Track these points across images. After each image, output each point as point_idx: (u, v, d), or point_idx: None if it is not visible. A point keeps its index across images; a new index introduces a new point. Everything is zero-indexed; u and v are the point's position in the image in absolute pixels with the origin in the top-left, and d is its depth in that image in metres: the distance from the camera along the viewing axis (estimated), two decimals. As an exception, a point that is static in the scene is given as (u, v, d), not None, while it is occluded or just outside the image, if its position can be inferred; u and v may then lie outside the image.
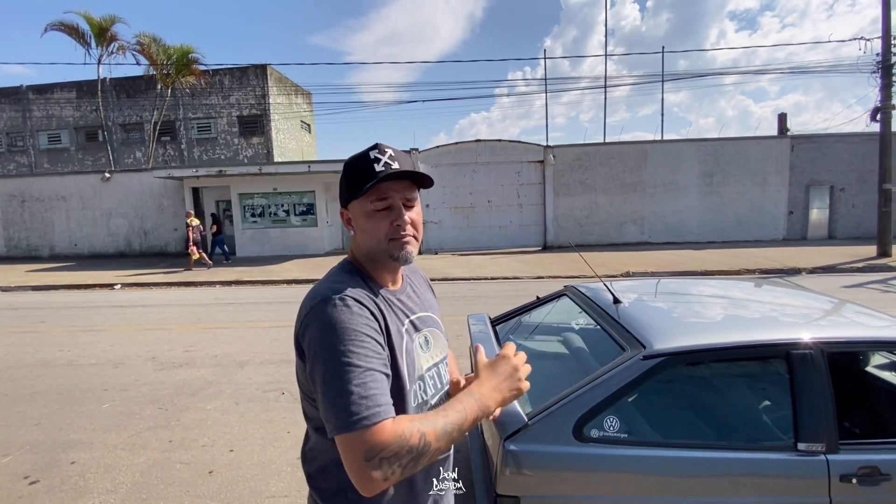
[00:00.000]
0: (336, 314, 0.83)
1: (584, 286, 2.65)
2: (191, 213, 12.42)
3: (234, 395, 4.09)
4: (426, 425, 0.80)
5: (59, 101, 21.06)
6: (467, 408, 0.85)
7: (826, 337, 1.72)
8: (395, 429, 0.77)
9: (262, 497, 2.66)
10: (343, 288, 0.87)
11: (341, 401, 0.77)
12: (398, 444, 0.76)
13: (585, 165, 14.87)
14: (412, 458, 0.77)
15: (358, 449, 0.76)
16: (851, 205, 14.79)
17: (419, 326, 1.01)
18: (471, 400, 0.87)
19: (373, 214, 0.93)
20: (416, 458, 0.78)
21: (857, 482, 1.56)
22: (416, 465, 0.79)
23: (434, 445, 0.80)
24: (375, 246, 0.94)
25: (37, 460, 3.10)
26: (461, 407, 0.85)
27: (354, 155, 0.94)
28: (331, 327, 0.82)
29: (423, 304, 1.07)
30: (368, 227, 0.93)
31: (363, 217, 0.93)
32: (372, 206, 0.92)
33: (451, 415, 0.83)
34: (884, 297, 7.39)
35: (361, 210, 0.94)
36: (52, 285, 10.46)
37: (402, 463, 0.77)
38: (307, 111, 24.50)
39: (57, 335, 6.30)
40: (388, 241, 0.93)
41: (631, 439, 1.67)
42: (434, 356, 1.03)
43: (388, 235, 0.93)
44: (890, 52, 11.05)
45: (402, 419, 0.80)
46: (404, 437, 0.77)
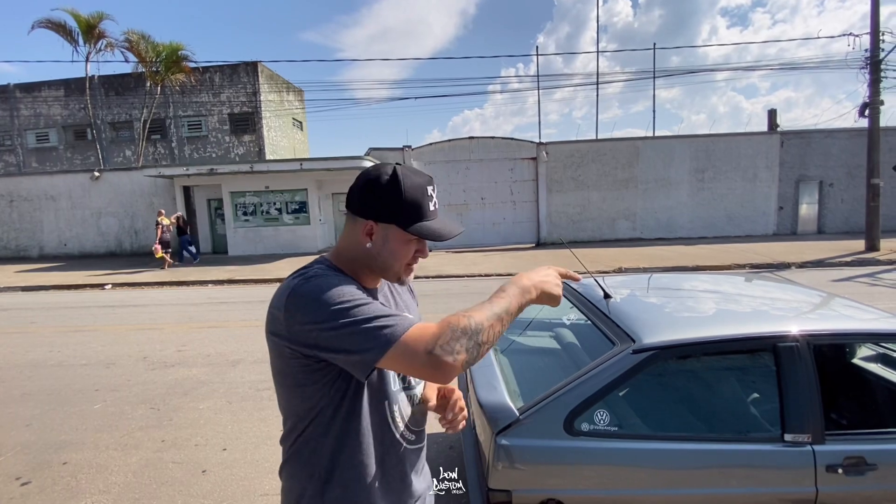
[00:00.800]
0: (319, 282, 0.84)
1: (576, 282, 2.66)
2: (162, 212, 12.37)
3: (227, 395, 4.08)
4: (471, 310, 0.83)
5: (47, 99, 20.76)
6: (510, 293, 0.89)
7: (812, 329, 1.74)
8: (441, 323, 0.81)
9: (256, 495, 2.65)
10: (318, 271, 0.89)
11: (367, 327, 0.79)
12: (449, 329, 0.79)
13: (578, 162, 14.92)
14: (470, 337, 0.79)
15: (413, 350, 0.78)
16: (840, 200, 14.97)
17: None
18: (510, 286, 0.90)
19: (409, 244, 0.94)
20: (475, 336, 0.80)
21: (843, 472, 1.59)
22: (476, 343, 0.80)
23: (486, 324, 0.82)
24: (394, 269, 0.95)
25: (28, 461, 3.07)
26: (503, 294, 0.89)
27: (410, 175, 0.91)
28: (320, 291, 0.83)
29: (399, 304, 1.07)
30: (399, 252, 0.94)
31: (397, 242, 0.93)
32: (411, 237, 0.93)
33: (494, 300, 0.87)
34: (871, 290, 7.50)
35: (399, 237, 0.93)
36: (42, 286, 10.34)
37: (462, 342, 0.79)
38: (299, 108, 24.34)
39: (47, 336, 6.23)
40: (405, 267, 0.97)
41: (621, 432, 1.68)
42: None
43: (408, 262, 0.96)
44: (879, 48, 11.17)
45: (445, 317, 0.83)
46: (451, 323, 0.80)
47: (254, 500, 2.62)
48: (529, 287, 0.92)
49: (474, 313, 0.82)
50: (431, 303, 7.37)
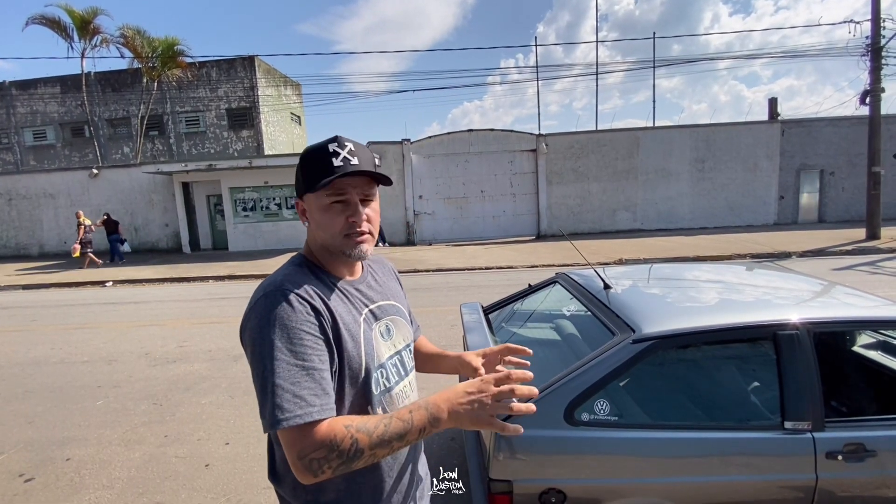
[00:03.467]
0: (276, 310, 0.83)
1: (576, 273, 2.66)
2: (80, 213, 12.37)
3: (229, 389, 4.09)
4: (362, 431, 0.79)
5: (44, 96, 20.65)
6: (415, 417, 0.82)
7: (812, 317, 1.74)
8: (327, 431, 0.78)
9: (259, 488, 2.67)
10: (287, 283, 0.87)
11: (274, 398, 0.78)
12: (328, 447, 0.77)
13: (578, 154, 14.85)
14: (342, 462, 0.78)
15: (290, 446, 0.78)
16: (841, 188, 14.92)
17: (379, 315, 1.00)
18: (422, 410, 0.83)
19: (328, 209, 0.91)
20: (348, 462, 0.78)
21: (843, 459, 1.59)
22: (348, 467, 0.79)
23: (367, 452, 0.79)
24: (330, 241, 0.93)
25: (31, 458, 3.09)
26: (407, 416, 0.82)
27: (312, 146, 0.92)
28: (269, 323, 0.82)
29: (384, 292, 1.05)
30: (323, 221, 0.91)
31: (318, 211, 0.92)
32: (328, 201, 0.90)
33: (393, 423, 0.81)
34: (872, 278, 7.49)
35: (317, 203, 0.91)
36: (43, 283, 10.35)
37: (331, 465, 0.78)
38: (297, 103, 24.21)
39: (48, 333, 6.25)
40: (343, 238, 0.92)
41: (621, 422, 1.68)
42: (396, 344, 1.02)
43: (342, 231, 0.91)
44: (880, 35, 11.07)
45: (337, 422, 0.80)
46: (335, 441, 0.77)
47: (257, 493, 2.64)
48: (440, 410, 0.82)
49: (363, 437, 0.78)
50: (433, 296, 7.38)
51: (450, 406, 0.83)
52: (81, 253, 11.85)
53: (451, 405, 0.83)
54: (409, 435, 0.81)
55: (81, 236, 11.85)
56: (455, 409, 0.83)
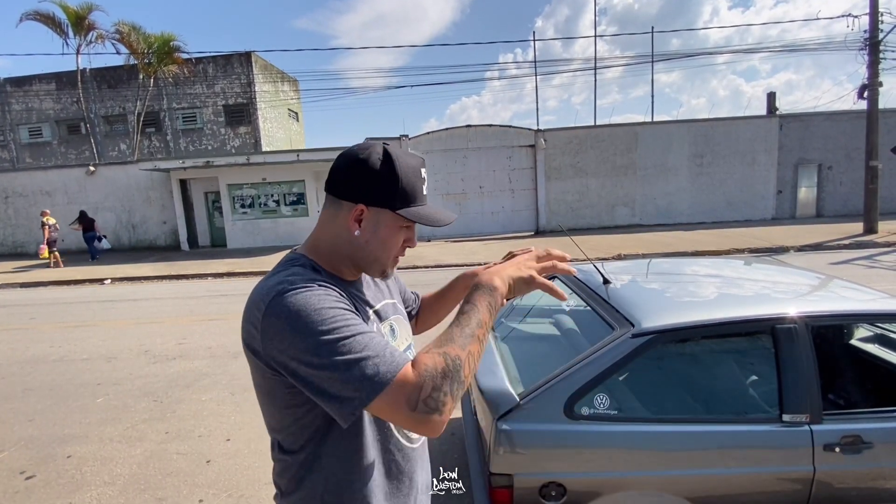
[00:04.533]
0: (300, 300, 0.75)
1: (575, 268, 2.67)
2: (46, 212, 12.32)
3: (230, 386, 4.10)
4: (444, 344, 0.75)
5: (39, 93, 20.50)
6: (476, 301, 0.81)
7: (810, 311, 1.75)
8: (419, 368, 0.72)
9: (261, 484, 2.68)
10: (296, 280, 0.79)
11: (351, 376, 0.71)
12: (430, 378, 0.71)
13: (576, 149, 14.84)
14: (452, 380, 0.72)
15: (398, 405, 0.71)
16: (839, 183, 14.94)
17: (383, 316, 0.98)
18: (475, 293, 0.83)
19: (398, 231, 0.89)
20: (456, 376, 0.73)
21: (840, 451, 1.60)
22: (460, 382, 0.74)
23: (464, 355, 0.75)
24: (381, 260, 0.90)
25: (32, 455, 3.10)
26: (468, 307, 0.81)
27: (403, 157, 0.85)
28: (299, 315, 0.74)
29: (383, 293, 1.04)
30: (388, 240, 0.89)
31: (386, 228, 0.87)
32: (402, 224, 0.89)
33: (462, 319, 0.79)
34: (869, 272, 7.52)
35: (387, 221, 0.87)
36: (41, 282, 10.33)
37: (444, 390, 0.72)
38: (294, 99, 24.10)
39: (47, 331, 6.24)
40: (392, 258, 0.92)
41: (621, 416, 1.70)
42: (401, 343, 1.01)
43: (397, 252, 0.92)
44: (878, 29, 11.06)
45: (419, 356, 0.75)
46: (430, 369, 0.72)
47: (258, 488, 2.65)
48: (496, 284, 0.83)
49: (450, 347, 0.74)
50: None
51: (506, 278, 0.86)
52: (50, 252, 11.86)
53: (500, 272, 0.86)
54: (483, 317, 0.80)
55: (48, 236, 11.82)
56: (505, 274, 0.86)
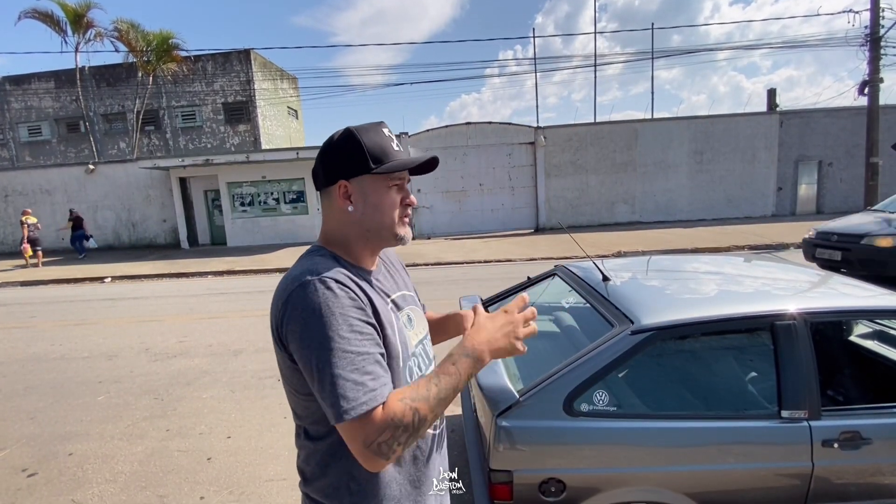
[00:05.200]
0: (317, 298, 0.80)
1: (575, 265, 2.67)
2: (28, 211, 12.35)
3: (230, 384, 4.11)
4: (418, 399, 0.79)
5: (38, 91, 20.47)
6: (460, 367, 0.84)
7: (810, 308, 1.75)
8: (387, 413, 0.77)
9: (261, 481, 2.69)
10: (320, 270, 0.84)
11: (334, 391, 0.77)
12: (392, 427, 0.77)
13: (576, 146, 14.81)
14: (409, 435, 0.78)
15: (356, 437, 0.77)
16: (839, 179, 14.92)
17: (401, 305, 1.00)
18: (463, 357, 0.85)
19: (388, 191, 0.91)
20: (414, 433, 0.79)
21: (839, 447, 1.61)
22: (414, 438, 0.80)
23: (430, 416, 0.80)
24: (386, 224, 0.92)
25: (34, 453, 3.11)
26: (453, 369, 0.84)
27: (362, 126, 0.91)
28: (314, 313, 0.79)
29: (398, 283, 1.05)
30: (383, 203, 0.91)
31: (375, 193, 0.91)
32: (389, 183, 0.91)
33: (443, 380, 0.82)
34: (869, 269, 7.51)
35: (374, 186, 0.91)
36: (41, 280, 10.33)
37: (399, 441, 0.78)
38: (293, 96, 24.05)
39: (48, 330, 6.25)
40: (399, 220, 0.93)
41: (620, 412, 1.70)
42: (418, 333, 1.03)
43: (400, 213, 0.93)
44: (879, 25, 11.02)
45: (392, 399, 0.79)
46: (397, 419, 0.77)
47: (259, 485, 2.66)
48: (482, 353, 0.86)
49: (421, 405, 0.79)
50: (432, 290, 7.39)
51: (490, 346, 0.87)
52: (33, 251, 11.89)
53: (491, 344, 0.88)
54: (459, 384, 0.83)
55: (27, 235, 11.85)
56: (495, 347, 0.88)
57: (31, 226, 11.98)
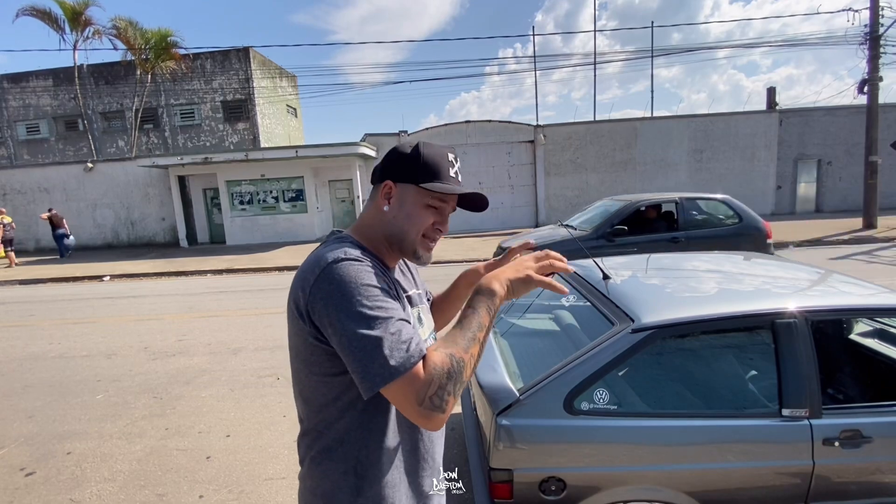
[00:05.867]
0: (351, 271, 0.83)
1: (574, 263, 2.66)
2: (2, 210, 12.37)
3: (229, 382, 4.10)
4: (451, 346, 0.82)
5: (36, 89, 20.40)
6: (476, 304, 0.87)
7: (810, 305, 1.74)
8: (428, 367, 0.79)
9: (261, 479, 2.69)
10: (350, 253, 0.87)
11: (380, 353, 0.78)
12: (437, 378, 0.78)
13: (576, 144, 14.80)
14: (455, 381, 0.80)
15: (407, 396, 0.78)
16: (838, 178, 14.93)
17: (415, 302, 1.03)
18: (475, 296, 0.88)
19: (426, 208, 0.94)
20: (459, 377, 0.80)
21: (840, 445, 1.61)
22: (461, 383, 0.81)
23: (466, 357, 0.82)
24: (409, 236, 0.95)
25: (32, 452, 3.10)
26: (469, 311, 0.87)
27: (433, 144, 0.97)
28: (347, 285, 0.82)
29: (413, 282, 1.09)
30: (415, 216, 0.94)
31: (414, 205, 0.94)
32: (430, 201, 0.94)
33: (464, 322, 0.85)
34: (869, 267, 7.52)
35: (416, 197, 0.94)
36: (40, 279, 10.31)
37: (448, 390, 0.79)
38: (292, 95, 24.00)
39: (46, 328, 6.24)
40: (421, 238, 0.96)
41: (620, 411, 1.70)
42: (426, 331, 1.05)
43: (426, 232, 0.96)
44: (878, 24, 11.01)
45: (429, 353, 0.81)
46: (439, 369, 0.79)
47: (258, 484, 2.65)
48: (491, 284, 0.89)
49: (455, 349, 0.81)
50: (432, 288, 7.37)
51: (500, 281, 0.90)
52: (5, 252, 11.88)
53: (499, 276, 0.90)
54: (483, 320, 0.86)
55: (2, 235, 11.84)
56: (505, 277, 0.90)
57: (7, 225, 11.95)
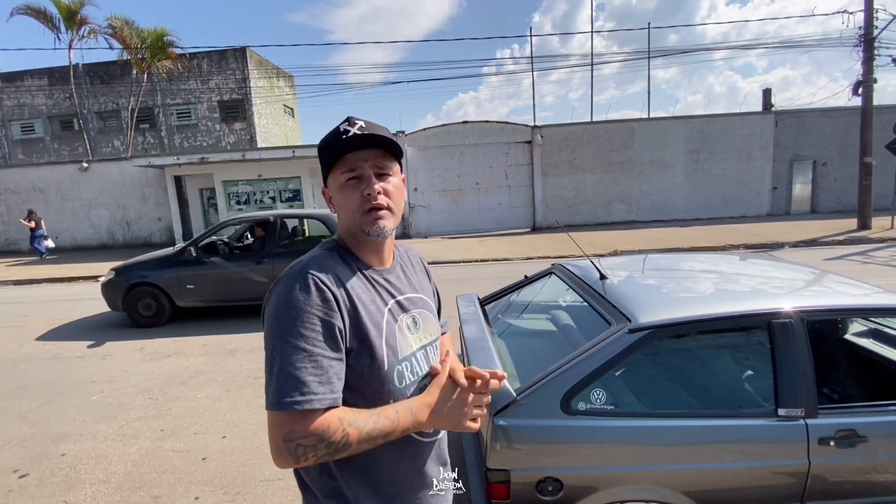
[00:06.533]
0: (293, 293, 0.83)
1: (572, 264, 2.66)
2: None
3: (226, 383, 4.08)
4: (353, 425, 0.81)
5: (31, 88, 20.28)
6: (400, 417, 0.85)
7: (805, 306, 1.75)
8: (323, 422, 0.79)
9: (257, 481, 2.67)
10: (310, 267, 0.86)
11: (277, 379, 0.79)
12: (318, 437, 0.78)
13: (573, 145, 14.82)
14: (328, 453, 0.79)
15: (280, 428, 0.78)
16: (833, 179, 15.01)
17: (407, 307, 0.98)
18: (406, 412, 0.87)
19: (345, 186, 0.90)
20: (333, 453, 0.80)
21: (835, 445, 1.61)
22: (331, 457, 0.81)
23: (354, 446, 0.81)
24: (351, 220, 0.92)
25: (26, 454, 3.07)
26: (395, 416, 0.85)
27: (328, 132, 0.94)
28: (284, 305, 0.83)
29: (413, 285, 1.04)
30: (342, 200, 0.91)
31: (337, 191, 0.92)
32: (343, 178, 0.90)
33: (381, 420, 0.84)
34: (863, 268, 7.57)
35: (335, 184, 0.92)
36: (34, 279, 10.24)
37: (317, 453, 0.79)
38: (290, 94, 23.95)
39: (41, 329, 6.20)
40: (362, 215, 0.89)
41: (617, 411, 1.70)
42: (422, 338, 1.00)
43: (360, 207, 0.89)
44: (873, 26, 11.08)
45: (334, 413, 0.80)
46: (328, 432, 0.78)
47: (254, 485, 2.64)
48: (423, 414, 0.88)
49: (354, 431, 0.80)
50: (428, 289, 7.37)
51: (431, 410, 0.89)
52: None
53: (435, 412, 0.89)
54: (394, 434, 0.85)
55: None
56: (438, 416, 0.89)
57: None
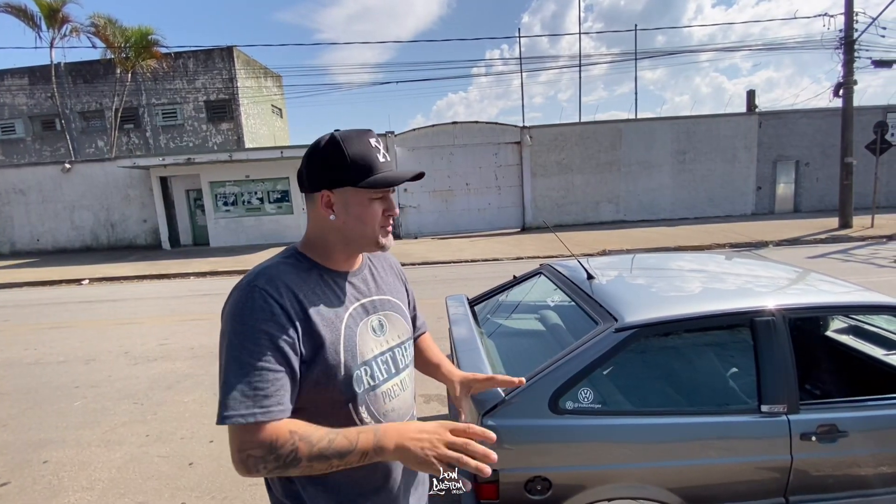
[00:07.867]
0: (241, 306, 0.84)
1: (560, 264, 2.68)
2: None
3: (213, 387, 4.03)
4: (304, 440, 0.79)
5: (11, 88, 19.83)
6: (360, 440, 0.81)
7: (788, 304, 1.78)
8: (269, 433, 0.79)
9: (245, 485, 2.65)
10: (259, 278, 0.87)
11: (225, 392, 0.80)
12: (266, 449, 0.78)
13: (562, 146, 14.93)
14: (278, 466, 0.79)
15: (232, 440, 0.81)
16: (815, 179, 15.32)
17: (371, 310, 0.99)
18: (369, 434, 0.82)
19: (372, 202, 0.93)
20: (283, 467, 0.79)
21: (817, 439, 1.64)
22: (284, 471, 0.80)
23: (304, 462, 0.79)
24: (367, 233, 0.94)
25: (6, 461, 3.00)
26: (354, 438, 0.81)
27: (348, 134, 0.90)
28: (233, 318, 0.85)
29: (380, 287, 1.04)
30: (365, 213, 0.93)
31: (361, 205, 0.92)
32: (372, 196, 0.93)
33: (338, 440, 0.80)
34: (844, 265, 7.74)
35: (357, 198, 0.92)
36: (15, 283, 10.02)
37: (267, 466, 0.79)
38: (278, 95, 23.75)
39: (22, 333, 6.06)
40: (380, 228, 0.95)
41: (605, 409, 1.71)
42: (389, 340, 1.00)
43: (382, 224, 0.96)
44: (853, 29, 11.33)
45: (283, 425, 0.80)
46: (275, 444, 0.78)
47: (242, 489, 2.61)
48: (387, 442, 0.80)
49: (304, 447, 0.79)
50: (419, 289, 7.33)
51: (398, 439, 0.81)
52: None
53: (401, 439, 0.81)
54: (351, 456, 0.80)
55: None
56: (403, 444, 0.80)
57: None
